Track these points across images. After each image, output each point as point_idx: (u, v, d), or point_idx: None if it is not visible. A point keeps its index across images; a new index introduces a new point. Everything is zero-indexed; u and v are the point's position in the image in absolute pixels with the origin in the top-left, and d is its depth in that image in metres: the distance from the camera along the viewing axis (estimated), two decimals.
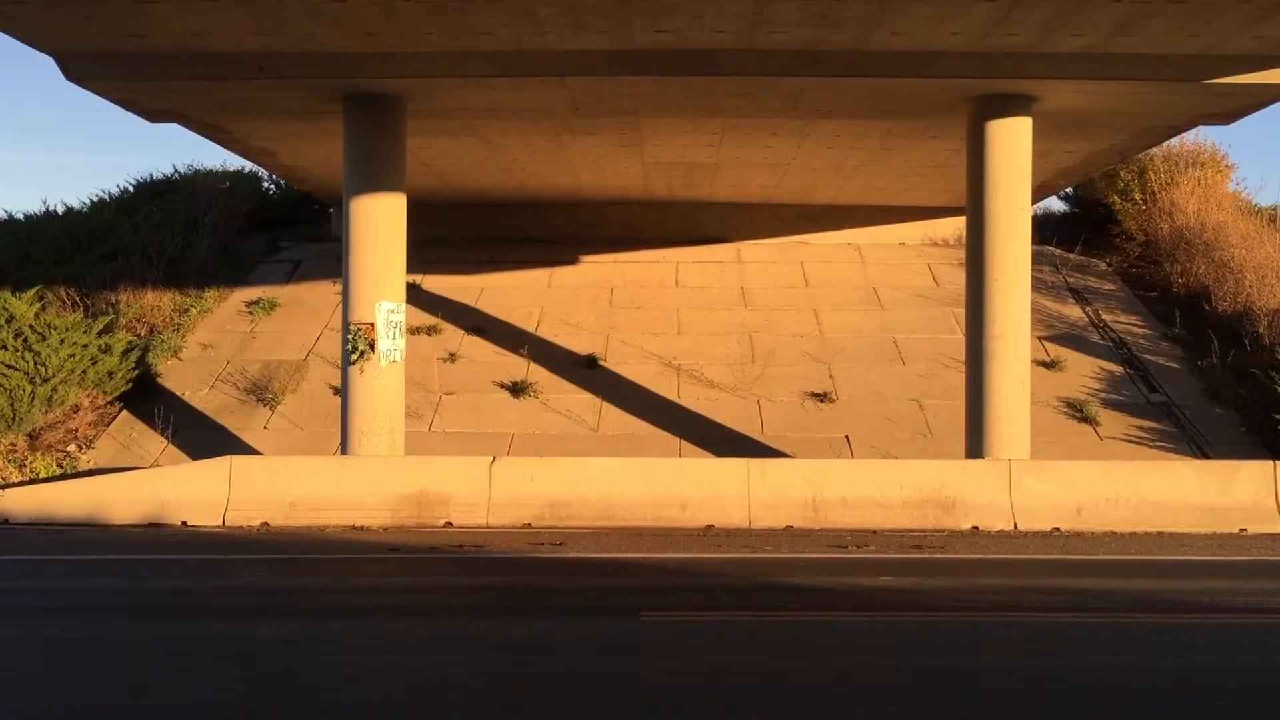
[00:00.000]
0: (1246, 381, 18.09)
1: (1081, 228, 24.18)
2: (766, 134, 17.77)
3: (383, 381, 15.59)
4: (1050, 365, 19.09)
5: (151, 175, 26.26)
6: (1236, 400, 17.97)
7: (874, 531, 13.30)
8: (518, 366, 19.31)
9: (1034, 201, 19.27)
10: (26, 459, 16.91)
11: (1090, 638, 8.22)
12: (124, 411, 18.23)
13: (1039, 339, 19.31)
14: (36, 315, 18.11)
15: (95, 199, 25.51)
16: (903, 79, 14.48)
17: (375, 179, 15.76)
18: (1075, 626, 8.56)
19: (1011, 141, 15.51)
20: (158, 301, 21.11)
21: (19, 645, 8.05)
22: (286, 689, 6.85)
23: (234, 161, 27.30)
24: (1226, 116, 16.51)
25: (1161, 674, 7.23)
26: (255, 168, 23.91)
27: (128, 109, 16.41)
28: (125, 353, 18.47)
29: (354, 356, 15.53)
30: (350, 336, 15.59)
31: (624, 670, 7.25)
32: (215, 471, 14.14)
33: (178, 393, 18.80)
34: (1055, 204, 26.18)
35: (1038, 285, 18.77)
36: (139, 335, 20.07)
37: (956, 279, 20.24)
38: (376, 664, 7.31)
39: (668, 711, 6.38)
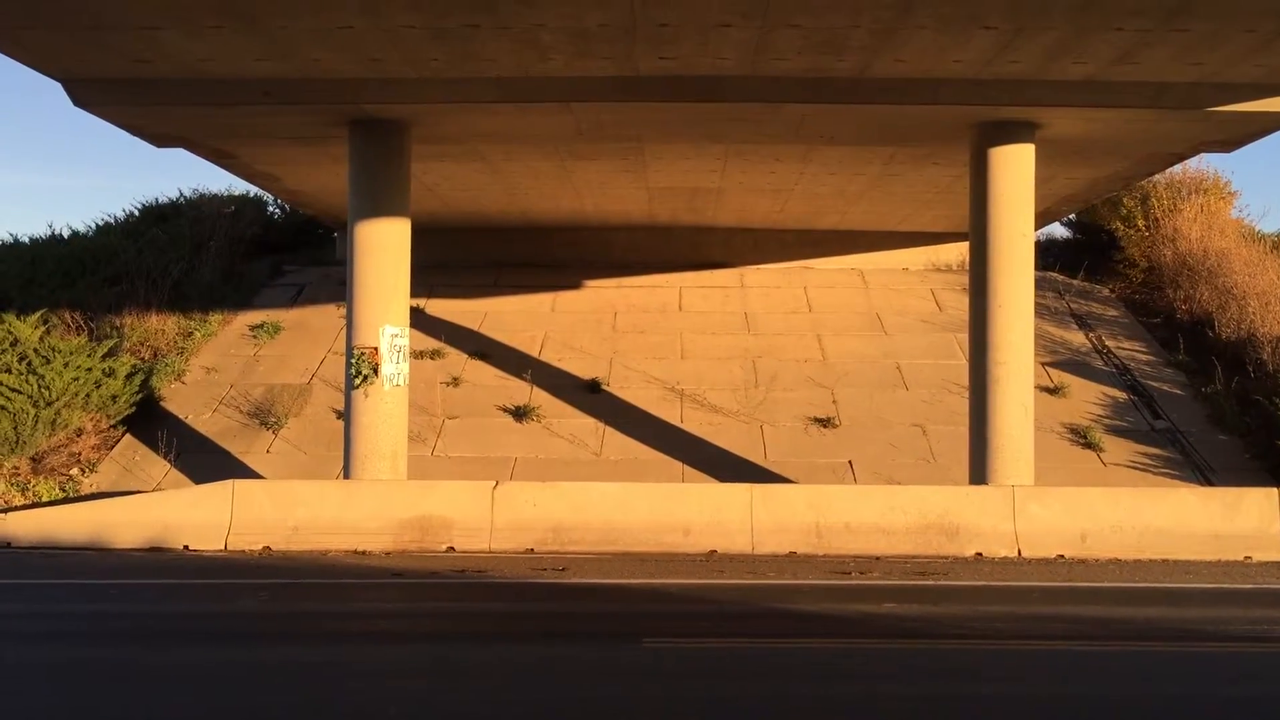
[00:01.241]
0: (1251, 408, 18.06)
1: (1084, 254, 24.21)
2: (770, 160, 17.83)
3: (386, 406, 15.59)
4: (1054, 391, 19.07)
5: (157, 199, 26.38)
6: (1241, 427, 17.93)
7: (877, 558, 13.26)
8: (521, 391, 19.32)
9: (1037, 227, 19.29)
10: (29, 482, 16.90)
11: (1096, 666, 8.18)
12: (127, 435, 18.23)
13: (1042, 365, 19.30)
14: (41, 338, 18.14)
15: (100, 223, 25.62)
16: (906, 106, 14.53)
17: (379, 204, 15.81)
18: (1080, 655, 8.52)
19: (1014, 168, 15.54)
20: (162, 325, 21.14)
21: (18, 670, 8.02)
22: (286, 715, 6.83)
23: (239, 185, 27.43)
24: (1229, 144, 16.54)
25: (1168, 703, 7.19)
26: (260, 192, 23.99)
27: (134, 134, 16.49)
28: (129, 376, 18.48)
29: (357, 380, 15.53)
30: (354, 360, 15.60)
31: (625, 696, 7.21)
32: (218, 495, 14.12)
33: (181, 416, 18.81)
34: (1058, 230, 26.28)
35: (1041, 311, 18.79)
36: (143, 359, 20.09)
37: (960, 304, 20.26)
38: (377, 690, 7.28)
39: None
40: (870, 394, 19.26)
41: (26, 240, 24.64)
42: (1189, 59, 13.08)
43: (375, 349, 15.53)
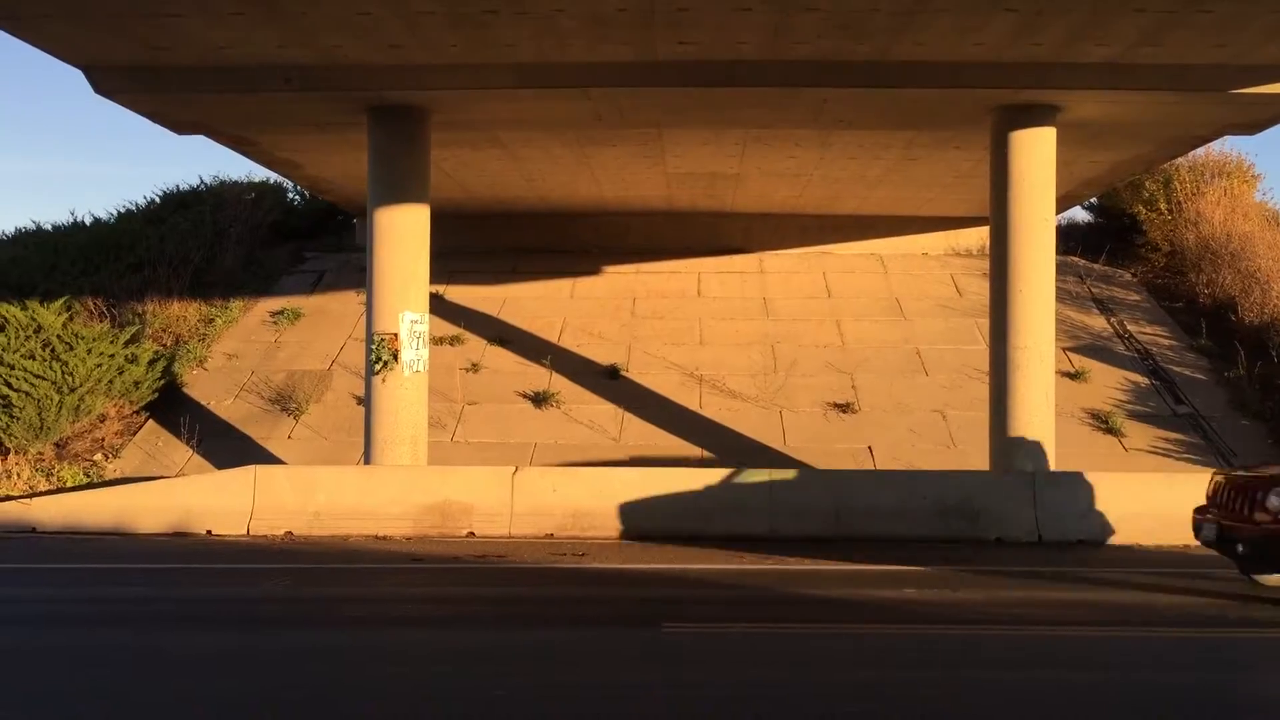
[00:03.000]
0: (1274, 393, 17.94)
1: (1106, 238, 24.05)
2: (789, 144, 17.77)
3: (406, 391, 15.66)
4: (1075, 376, 18.99)
5: (178, 186, 26.49)
6: (1263, 412, 17.82)
7: (897, 542, 13.25)
8: (540, 376, 19.36)
9: (1058, 211, 19.19)
10: (54, 468, 17.06)
11: (1118, 652, 8.16)
12: (150, 421, 18.37)
13: (1063, 350, 19.21)
14: (64, 325, 18.28)
15: (122, 210, 25.74)
16: (926, 89, 14.47)
17: (399, 190, 15.84)
18: (1103, 640, 8.50)
19: (1035, 152, 15.45)
20: (183, 312, 21.27)
21: (44, 654, 8.10)
22: (309, 699, 6.88)
23: (259, 173, 27.57)
24: (1252, 126, 16.41)
25: (1193, 689, 7.16)
26: (280, 179, 24.06)
27: (155, 121, 16.56)
28: (151, 362, 18.62)
29: (378, 366, 15.60)
30: (374, 346, 15.66)
31: (645, 682, 7.23)
32: (240, 481, 14.22)
33: (203, 402, 18.93)
34: (1079, 214, 26.10)
35: (1062, 296, 18.68)
36: (165, 345, 20.21)
37: (980, 289, 20.18)
38: (398, 675, 7.33)
39: None
40: (890, 379, 19.22)
41: (49, 227, 24.80)
42: (1212, 40, 12.98)
43: (395, 335, 15.58)
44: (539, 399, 18.71)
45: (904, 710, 6.56)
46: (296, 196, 26.32)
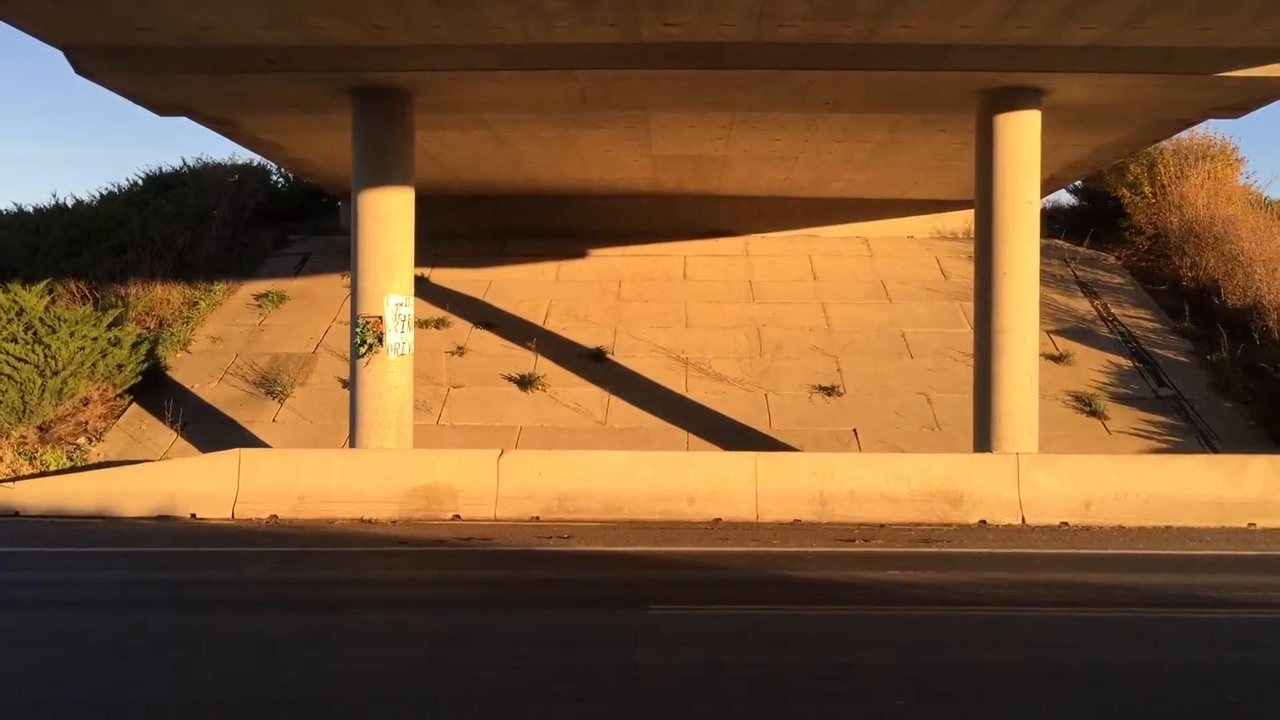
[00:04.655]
0: (1256, 376, 18.04)
1: (1090, 221, 24.12)
2: (775, 127, 17.74)
3: (391, 375, 15.62)
4: (1058, 359, 19.07)
5: (160, 168, 26.25)
6: (1246, 394, 17.92)
7: (881, 525, 13.30)
8: (526, 359, 19.34)
9: (1043, 194, 19.23)
10: (37, 451, 16.97)
11: (1099, 633, 8.22)
12: (133, 404, 18.29)
13: (1047, 333, 19.28)
14: (46, 308, 18.15)
15: (105, 192, 25.55)
16: (911, 72, 14.44)
17: (383, 172, 15.77)
18: (1084, 621, 8.56)
19: (1020, 135, 15.46)
20: (167, 295, 21.15)
21: (32, 638, 8.08)
22: (296, 681, 6.88)
23: (243, 155, 27.34)
24: (1237, 109, 16.44)
25: (1173, 669, 7.22)
26: (264, 161, 23.92)
27: (137, 103, 16.44)
28: (135, 346, 18.52)
29: (362, 350, 15.55)
30: (359, 330, 15.61)
31: (632, 663, 7.26)
32: (224, 464, 14.18)
33: (187, 385, 18.85)
34: (1064, 197, 26.16)
35: (1046, 279, 18.73)
36: (148, 328, 20.11)
37: (965, 272, 20.22)
38: (384, 657, 7.33)
39: (675, 704, 6.40)
40: (875, 362, 19.26)
41: (30, 210, 24.60)
42: (1197, 23, 12.99)
43: (380, 318, 15.54)
44: (525, 382, 18.70)
45: (886, 689, 6.59)
46: (280, 179, 26.18)
